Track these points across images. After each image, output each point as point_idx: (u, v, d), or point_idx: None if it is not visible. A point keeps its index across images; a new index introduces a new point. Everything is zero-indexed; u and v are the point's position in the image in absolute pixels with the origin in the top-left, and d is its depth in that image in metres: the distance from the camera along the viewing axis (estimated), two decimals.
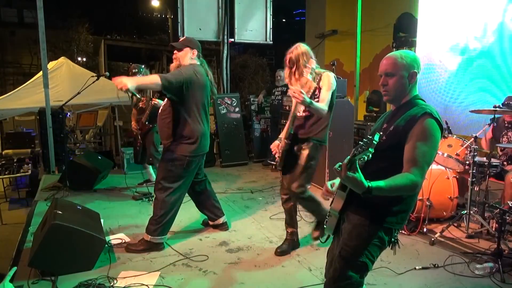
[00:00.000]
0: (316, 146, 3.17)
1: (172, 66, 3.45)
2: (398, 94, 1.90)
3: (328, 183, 2.01)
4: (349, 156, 1.63)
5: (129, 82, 2.87)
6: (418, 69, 1.90)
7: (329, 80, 3.06)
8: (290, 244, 3.41)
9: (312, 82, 3.01)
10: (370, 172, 1.74)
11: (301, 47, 3.07)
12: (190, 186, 3.60)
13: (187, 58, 3.39)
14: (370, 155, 1.59)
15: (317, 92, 3.09)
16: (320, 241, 2.09)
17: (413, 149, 1.74)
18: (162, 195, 3.37)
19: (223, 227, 3.90)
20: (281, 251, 3.34)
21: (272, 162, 3.50)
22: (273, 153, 3.42)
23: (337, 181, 1.99)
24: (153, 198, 3.65)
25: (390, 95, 1.90)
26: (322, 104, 2.96)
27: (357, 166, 1.60)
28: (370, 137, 1.58)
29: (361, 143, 1.59)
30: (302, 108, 3.11)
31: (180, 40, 3.57)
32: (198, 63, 3.45)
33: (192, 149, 3.36)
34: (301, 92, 2.68)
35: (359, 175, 1.60)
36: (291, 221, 3.45)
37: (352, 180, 1.60)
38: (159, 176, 3.42)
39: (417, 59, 1.90)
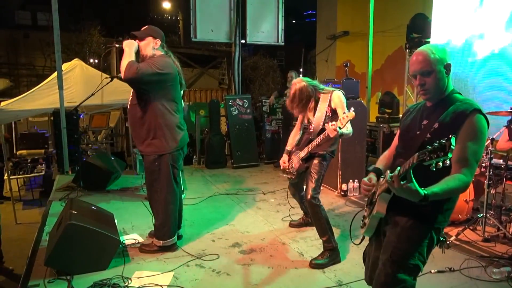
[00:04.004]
0: (325, 156, 3.30)
1: None
2: (439, 91, 1.82)
3: (365, 179, 1.94)
4: (399, 167, 1.58)
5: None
6: (450, 59, 1.82)
7: (341, 100, 3.18)
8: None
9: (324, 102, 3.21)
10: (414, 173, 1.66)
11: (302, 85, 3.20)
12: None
13: (149, 48, 3.23)
14: (448, 161, 1.46)
15: (328, 112, 3.21)
16: (354, 243, 2.08)
17: (464, 148, 1.68)
18: (158, 197, 3.33)
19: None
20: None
21: (284, 175, 3.65)
22: (282, 167, 3.59)
23: (373, 176, 1.94)
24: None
25: (430, 93, 1.82)
26: (348, 127, 3.02)
27: (412, 175, 1.54)
28: (444, 141, 1.44)
29: (430, 147, 1.46)
30: (318, 125, 3.23)
31: (142, 29, 3.32)
32: (163, 53, 3.30)
33: (173, 143, 3.26)
34: (336, 128, 2.83)
35: (414, 185, 1.55)
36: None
37: (407, 190, 1.56)
38: (148, 178, 3.34)
39: (446, 50, 1.83)
